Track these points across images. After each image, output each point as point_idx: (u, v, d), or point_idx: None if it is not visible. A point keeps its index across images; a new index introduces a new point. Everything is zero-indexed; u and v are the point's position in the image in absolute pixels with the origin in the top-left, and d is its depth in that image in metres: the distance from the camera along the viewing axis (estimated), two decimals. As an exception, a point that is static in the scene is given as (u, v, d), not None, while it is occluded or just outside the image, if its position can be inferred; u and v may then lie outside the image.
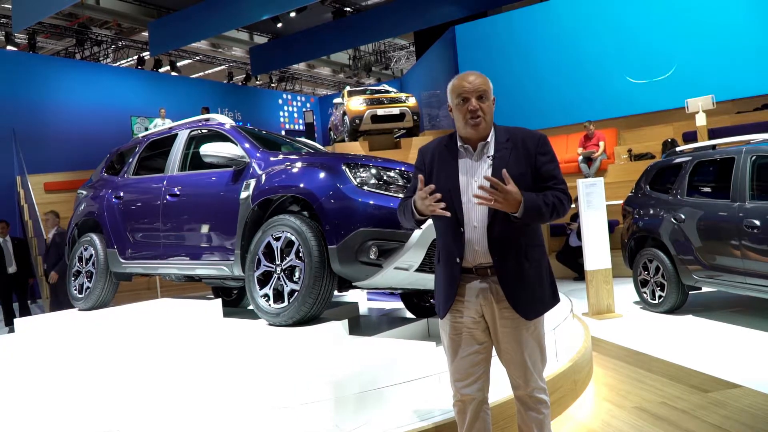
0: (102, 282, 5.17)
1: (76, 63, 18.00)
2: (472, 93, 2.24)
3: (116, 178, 5.45)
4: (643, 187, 6.74)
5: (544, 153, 2.29)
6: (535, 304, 2.27)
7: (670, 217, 5.98)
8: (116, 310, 4.87)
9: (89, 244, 5.33)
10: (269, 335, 3.63)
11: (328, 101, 22.97)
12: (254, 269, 3.87)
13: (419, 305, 4.75)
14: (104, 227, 5.18)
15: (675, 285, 5.97)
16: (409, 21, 17.46)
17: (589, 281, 6.38)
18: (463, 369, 2.32)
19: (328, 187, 3.58)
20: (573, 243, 9.17)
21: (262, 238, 3.85)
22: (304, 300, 3.56)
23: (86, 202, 5.55)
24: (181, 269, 4.60)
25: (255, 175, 4.06)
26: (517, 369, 2.30)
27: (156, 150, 5.35)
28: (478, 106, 2.24)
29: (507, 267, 2.23)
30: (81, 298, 5.29)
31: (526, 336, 2.28)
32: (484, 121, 2.26)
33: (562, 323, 4.07)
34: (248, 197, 3.98)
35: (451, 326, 2.34)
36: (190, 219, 4.45)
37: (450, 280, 2.30)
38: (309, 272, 3.53)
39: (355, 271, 3.48)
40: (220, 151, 4.14)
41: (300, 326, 3.65)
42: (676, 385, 3.95)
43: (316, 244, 3.54)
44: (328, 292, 3.61)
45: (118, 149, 5.85)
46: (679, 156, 6.40)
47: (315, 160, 3.93)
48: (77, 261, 5.44)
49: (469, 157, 2.31)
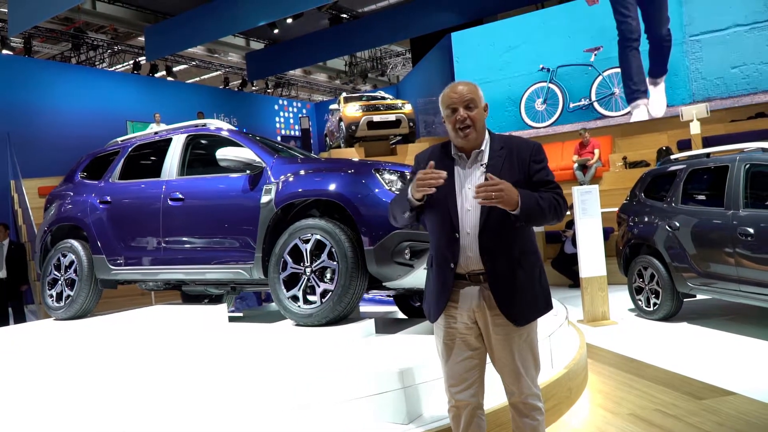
0: (86, 290, 5.01)
1: (72, 67, 18.00)
2: (459, 103, 2.25)
3: (98, 182, 5.31)
4: (638, 195, 6.77)
5: (538, 161, 2.30)
6: (527, 310, 2.27)
7: (665, 225, 6.00)
8: (115, 318, 4.82)
9: (69, 250, 5.14)
10: (297, 336, 3.72)
11: (324, 107, 22.99)
12: (279, 271, 3.94)
13: (413, 307, 4.96)
14: (89, 232, 5.05)
15: (670, 292, 5.99)
16: (406, 28, 17.53)
17: (584, 288, 6.39)
18: (457, 374, 2.33)
19: (362, 191, 3.74)
20: (568, 250, 9.20)
21: (288, 240, 3.93)
22: (340, 299, 3.70)
23: (63, 207, 5.38)
24: (188, 274, 4.57)
25: (273, 179, 4.13)
26: (511, 376, 2.30)
27: (144, 154, 5.28)
28: (465, 116, 2.25)
29: (499, 274, 2.23)
30: (60, 307, 5.08)
31: (519, 343, 2.28)
32: (474, 130, 2.27)
33: (557, 330, 4.08)
34: (270, 201, 4.05)
35: (444, 331, 2.34)
36: (198, 223, 4.45)
37: (443, 285, 2.31)
38: (344, 272, 3.68)
39: (389, 272, 3.67)
40: (239, 156, 4.20)
41: (330, 326, 3.76)
42: (671, 392, 3.96)
43: (350, 245, 3.68)
44: (361, 292, 3.79)
45: (95, 153, 5.70)
46: (673, 164, 6.43)
47: (341, 165, 4.10)
48: (53, 269, 5.23)
49: (462, 165, 2.32)
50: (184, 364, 3.64)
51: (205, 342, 4.06)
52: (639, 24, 13.08)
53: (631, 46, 13.17)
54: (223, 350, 3.82)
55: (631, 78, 13.17)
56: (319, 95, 28.90)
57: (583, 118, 13.83)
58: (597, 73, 13.61)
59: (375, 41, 19.31)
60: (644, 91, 13.03)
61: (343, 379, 3.05)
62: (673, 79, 12.77)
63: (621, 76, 13.31)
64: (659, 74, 12.89)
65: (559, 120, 14.19)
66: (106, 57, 20.23)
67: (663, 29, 12.79)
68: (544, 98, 14.35)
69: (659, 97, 12.91)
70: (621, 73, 13.31)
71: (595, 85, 13.67)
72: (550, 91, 14.28)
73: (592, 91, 13.70)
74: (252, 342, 3.85)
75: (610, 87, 13.47)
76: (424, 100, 17.73)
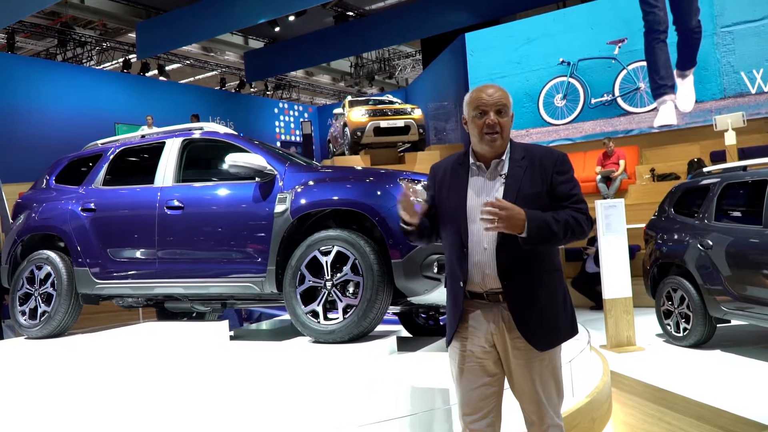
0: (66, 306, 4.90)
1: (58, 65, 18.17)
2: (491, 106, 2.27)
3: (78, 188, 5.25)
4: (667, 210, 6.77)
5: (562, 172, 2.31)
6: (549, 333, 2.28)
7: (697, 243, 5.99)
8: (102, 336, 4.74)
9: (45, 262, 5.03)
10: (317, 354, 3.76)
11: (327, 111, 23.12)
12: (296, 285, 3.98)
13: (417, 324, 5.02)
14: (69, 243, 4.97)
15: (701, 317, 5.96)
16: (416, 27, 17.63)
17: (608, 311, 6.38)
18: (472, 402, 2.32)
19: (390, 202, 3.81)
20: (590, 269, 9.18)
21: (306, 252, 3.96)
22: (365, 315, 3.75)
23: (36, 214, 5.27)
24: (188, 288, 4.55)
25: (287, 188, 4.17)
26: (531, 404, 2.30)
27: (131, 159, 5.27)
28: (496, 121, 2.26)
29: (518, 293, 2.24)
30: (34, 324, 4.95)
31: (541, 368, 2.28)
32: (501, 138, 2.29)
33: (579, 356, 4.07)
34: (285, 211, 4.09)
35: (460, 354, 2.34)
36: (201, 233, 4.46)
37: (454, 304, 2.32)
38: (370, 286, 3.74)
39: (417, 286, 3.75)
40: (250, 162, 4.23)
41: (351, 343, 3.81)
42: (702, 425, 3.93)
43: (376, 258, 3.76)
44: (386, 307, 3.85)
45: (71, 156, 5.64)
46: (706, 177, 6.43)
47: (362, 174, 4.20)
48: (25, 282, 5.09)
49: (481, 175, 2.33)
50: (192, 390, 3.56)
51: (212, 364, 4.01)
52: (667, 14, 13.12)
53: (658, 38, 13.20)
54: (236, 373, 3.78)
55: (658, 72, 13.19)
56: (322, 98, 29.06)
57: (605, 115, 13.89)
58: (621, 67, 13.65)
59: (383, 41, 19.43)
60: (671, 86, 13.05)
61: (382, 397, 3.10)
62: (703, 73, 12.78)
63: (647, 70, 13.35)
64: (688, 66, 12.89)
65: (580, 117, 14.23)
66: (94, 54, 20.44)
67: (693, 20, 12.82)
68: (564, 93, 14.39)
69: (687, 91, 12.91)
70: (647, 66, 13.35)
71: (618, 80, 13.72)
72: (571, 86, 14.32)
73: (616, 86, 13.75)
74: (268, 362, 3.87)
75: (635, 82, 13.51)
76: (435, 105, 17.80)
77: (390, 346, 3.91)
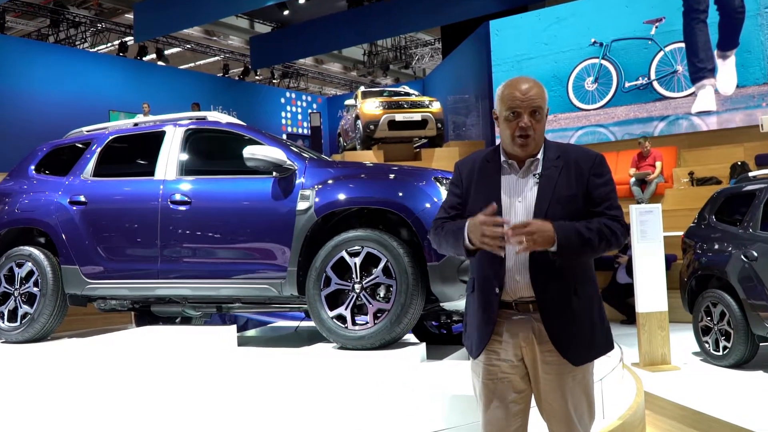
0: (51, 307, 4.87)
1: (49, 47, 18.33)
2: (525, 108, 2.25)
3: (64, 178, 5.21)
4: (707, 218, 6.73)
5: (600, 174, 2.30)
6: (583, 348, 2.27)
7: (740, 254, 5.95)
8: (95, 341, 4.64)
9: (26, 259, 4.99)
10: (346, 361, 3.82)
11: (337, 102, 23.17)
12: (321, 288, 4.02)
13: (428, 332, 5.03)
14: (56, 238, 4.94)
15: (743, 334, 5.92)
16: (436, 14, 17.62)
17: (641, 326, 6.34)
18: (496, 421, 2.32)
19: (426, 201, 3.87)
20: (621, 280, 9.13)
21: (333, 253, 4.00)
22: (399, 320, 3.81)
23: (14, 207, 5.24)
24: (195, 290, 4.56)
25: (309, 184, 4.21)
26: (560, 424, 2.30)
27: (125, 148, 5.26)
28: (529, 124, 2.25)
29: (552, 302, 2.24)
30: (15, 327, 4.92)
31: (572, 385, 2.28)
32: (534, 141, 2.28)
33: (610, 374, 4.05)
34: (309, 208, 4.13)
35: (484, 369, 2.34)
36: (211, 231, 4.49)
37: (486, 315, 2.31)
38: (404, 290, 3.80)
39: (453, 291, 3.84)
40: (269, 155, 4.25)
41: (380, 350, 3.88)
42: (744, 453, 3.92)
43: (410, 260, 3.83)
44: (419, 312, 3.91)
45: (54, 144, 5.61)
46: (751, 182, 6.39)
47: (392, 171, 4.26)
48: (3, 281, 5.06)
49: (513, 174, 2.33)
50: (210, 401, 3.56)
51: (226, 371, 3.99)
52: (707, -7, 13.09)
53: (698, 18, 13.14)
54: (256, 382, 3.77)
55: (697, 54, 13.13)
56: (332, 88, 29.14)
57: (639, 100, 13.85)
58: (658, 48, 13.61)
59: (400, 28, 19.43)
60: (711, 70, 12.99)
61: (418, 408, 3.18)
62: (745, 56, 12.70)
63: (685, 52, 13.31)
64: (729, 47, 12.82)
65: (612, 101, 14.20)
66: (88, 36, 20.58)
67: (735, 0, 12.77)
68: (596, 76, 14.37)
69: (729, 73, 12.84)
70: (685, 48, 13.31)
71: (655, 62, 13.69)
72: (603, 69, 14.29)
73: (652, 69, 13.72)
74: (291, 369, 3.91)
75: (672, 64, 13.47)
76: (455, 98, 17.76)
77: (420, 353, 3.97)
